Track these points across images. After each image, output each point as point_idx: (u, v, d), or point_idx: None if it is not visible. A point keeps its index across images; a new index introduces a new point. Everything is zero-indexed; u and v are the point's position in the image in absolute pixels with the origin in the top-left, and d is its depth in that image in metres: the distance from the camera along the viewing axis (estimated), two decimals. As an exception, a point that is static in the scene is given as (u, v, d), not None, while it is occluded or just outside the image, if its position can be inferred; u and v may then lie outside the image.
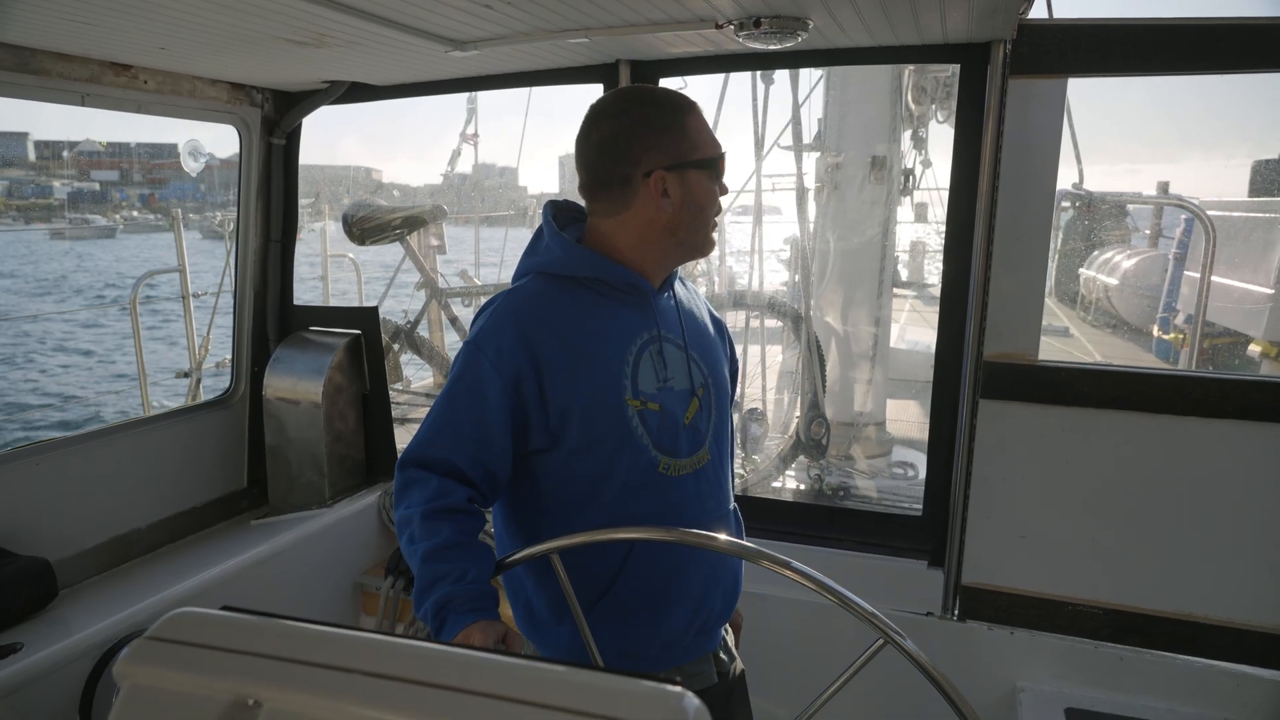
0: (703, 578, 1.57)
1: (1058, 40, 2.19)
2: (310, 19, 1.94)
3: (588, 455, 1.48)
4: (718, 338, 1.72)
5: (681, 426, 1.53)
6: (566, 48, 2.34)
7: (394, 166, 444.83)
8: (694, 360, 1.58)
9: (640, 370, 1.49)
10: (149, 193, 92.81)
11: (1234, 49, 2.08)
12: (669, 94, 1.53)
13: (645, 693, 0.65)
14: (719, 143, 1.53)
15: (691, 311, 1.66)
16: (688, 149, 1.48)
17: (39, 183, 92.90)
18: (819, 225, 5.30)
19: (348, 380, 3.12)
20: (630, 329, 1.50)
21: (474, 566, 1.37)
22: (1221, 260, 5.95)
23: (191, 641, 0.73)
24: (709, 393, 1.59)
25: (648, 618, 1.52)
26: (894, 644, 1.21)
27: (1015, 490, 2.42)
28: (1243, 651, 2.29)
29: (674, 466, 1.51)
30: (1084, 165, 5.73)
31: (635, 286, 1.51)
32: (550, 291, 1.50)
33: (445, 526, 1.39)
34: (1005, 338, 2.35)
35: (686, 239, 1.52)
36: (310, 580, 2.91)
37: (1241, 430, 2.22)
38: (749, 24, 2.00)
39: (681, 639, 1.58)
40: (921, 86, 5.38)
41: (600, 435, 1.47)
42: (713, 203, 1.52)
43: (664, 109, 1.49)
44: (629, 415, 1.47)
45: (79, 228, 68.50)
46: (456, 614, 1.31)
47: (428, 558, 1.37)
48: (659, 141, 1.47)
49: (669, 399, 1.51)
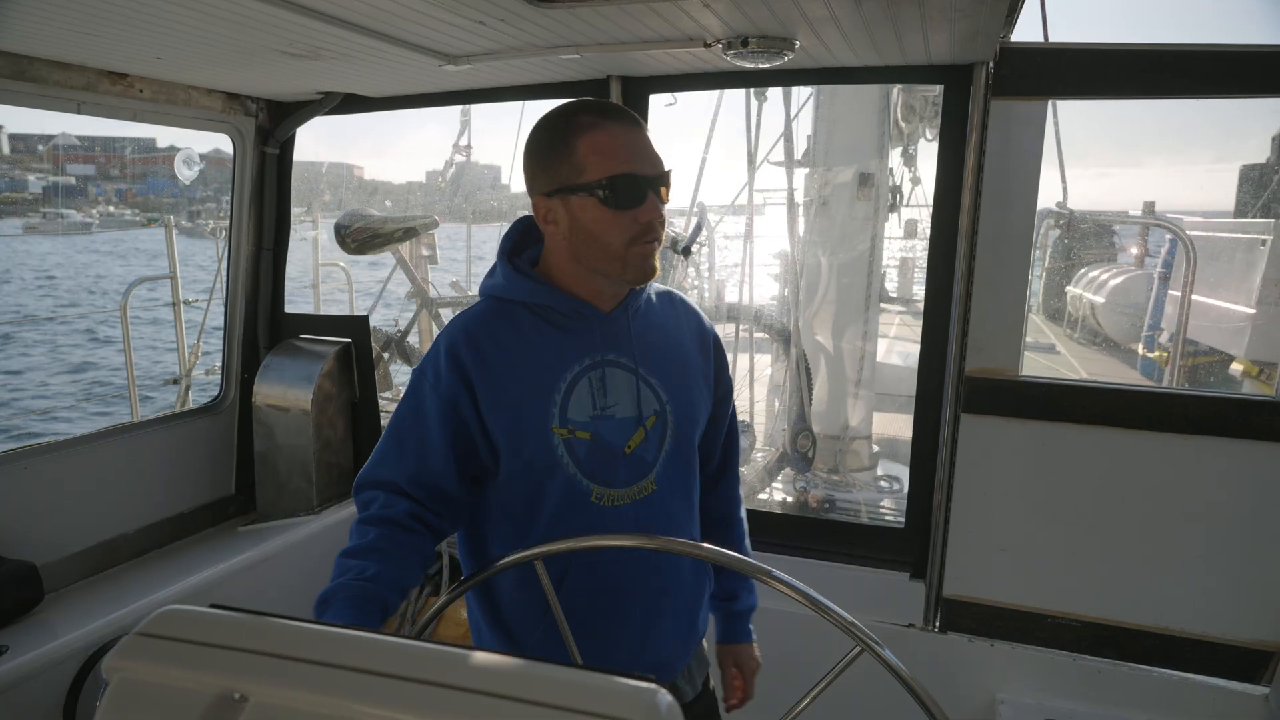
0: (642, 614, 1.52)
1: (1039, 63, 2.24)
2: (306, 32, 1.97)
3: (517, 481, 1.45)
4: (700, 357, 1.62)
5: (620, 456, 1.46)
6: (558, 63, 2.37)
7: (375, 164, 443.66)
8: (647, 385, 1.50)
9: (573, 398, 1.44)
10: (126, 188, 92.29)
11: (1213, 74, 2.13)
12: (576, 112, 1.40)
13: (619, 689, 0.68)
14: (623, 162, 1.35)
15: (662, 332, 1.56)
16: (569, 173, 1.36)
17: (12, 177, 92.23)
18: (807, 240, 5.35)
19: (337, 388, 3.13)
20: (567, 355, 1.45)
21: (382, 569, 1.32)
22: (1204, 280, 6.03)
23: (180, 638, 0.74)
24: (663, 420, 1.51)
25: (589, 652, 1.45)
26: (871, 652, 1.22)
27: (996, 504, 2.45)
28: (1218, 665, 2.32)
29: (609, 496, 1.46)
30: (1068, 172, 5.80)
31: (578, 311, 1.46)
32: (491, 316, 1.47)
33: (372, 531, 1.37)
34: (987, 353, 2.39)
35: (595, 266, 1.42)
36: (297, 587, 2.91)
37: (1219, 447, 2.25)
38: (737, 44, 2.04)
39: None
40: (910, 105, 5.44)
41: (526, 462, 1.43)
42: (611, 228, 1.37)
43: (556, 131, 1.39)
44: (554, 444, 1.42)
45: (52, 222, 67.81)
46: (338, 606, 1.27)
47: (343, 555, 1.35)
48: (544, 166, 1.40)
49: (605, 427, 1.45)
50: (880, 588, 2.61)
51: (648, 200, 1.37)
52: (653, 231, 1.39)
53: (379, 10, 1.80)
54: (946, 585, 2.52)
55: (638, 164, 1.37)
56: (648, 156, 1.38)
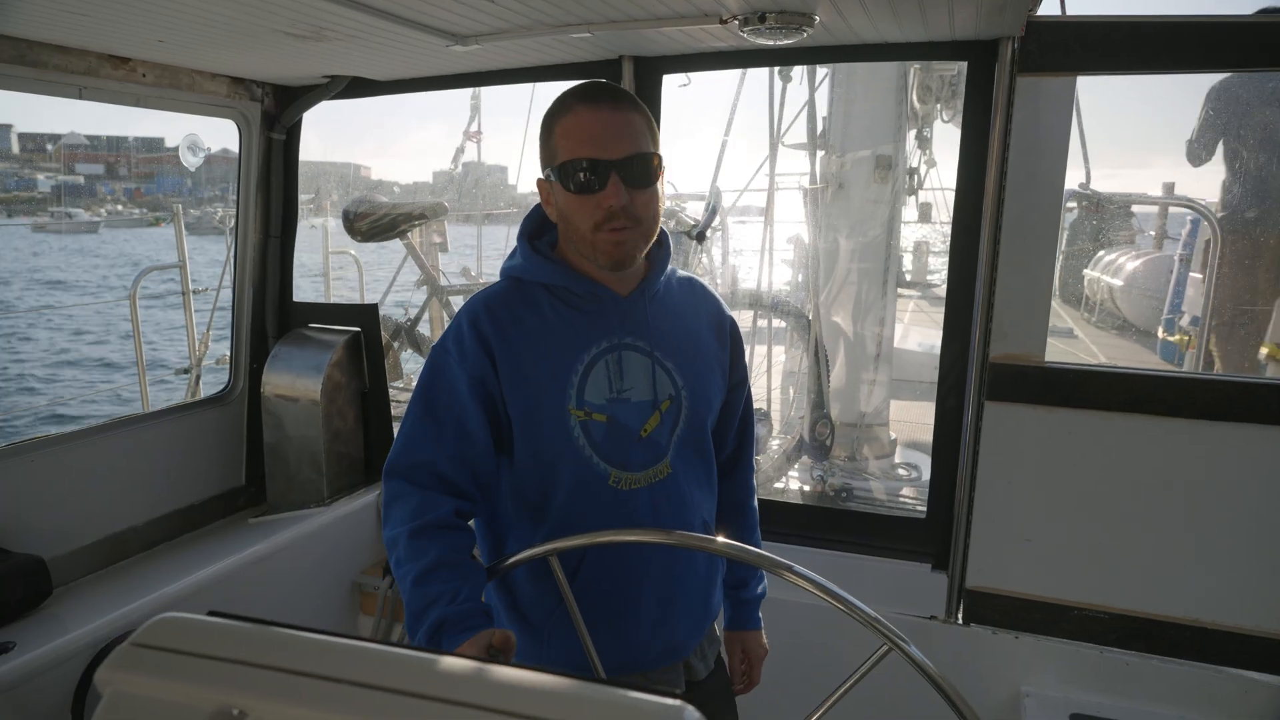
0: (657, 599, 1.54)
1: (1067, 38, 2.16)
2: (310, 12, 1.92)
3: (533, 464, 1.46)
4: (715, 344, 1.64)
5: (635, 439, 1.48)
6: (569, 43, 2.31)
7: (382, 163, 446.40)
8: (664, 369, 1.52)
9: (590, 380, 1.45)
10: (135, 187, 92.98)
11: (1243, 47, 2.05)
12: (564, 97, 1.43)
13: (641, 705, 0.63)
14: (585, 145, 1.36)
15: (677, 318, 1.58)
16: (548, 156, 1.41)
17: (22, 175, 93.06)
18: (823, 224, 5.28)
19: (347, 378, 3.10)
20: (585, 337, 1.46)
21: (465, 585, 1.34)
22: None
23: (176, 648, 0.71)
24: (678, 404, 1.52)
25: (604, 635, 1.46)
26: (899, 650, 1.19)
27: (1020, 493, 2.40)
28: (1249, 657, 2.26)
29: (625, 480, 1.48)
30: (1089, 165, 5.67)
31: (594, 294, 1.48)
32: (511, 295, 1.49)
33: (432, 546, 1.36)
34: (1011, 339, 2.32)
35: (578, 250, 1.45)
36: (308, 580, 2.89)
37: (1249, 433, 2.19)
38: (754, 19, 1.97)
39: (644, 656, 1.56)
40: (927, 85, 5.35)
41: (542, 444, 1.45)
42: (579, 211, 1.38)
43: (548, 114, 1.42)
44: (570, 425, 1.44)
45: (60, 221, 68.59)
46: (449, 636, 1.28)
47: (417, 582, 1.34)
48: (541, 149, 1.44)
49: (621, 410, 1.47)
50: (901, 579, 2.56)
51: (609, 185, 1.35)
52: (616, 218, 1.37)
53: None
54: (969, 576, 2.47)
55: (600, 148, 1.35)
56: (615, 140, 1.36)
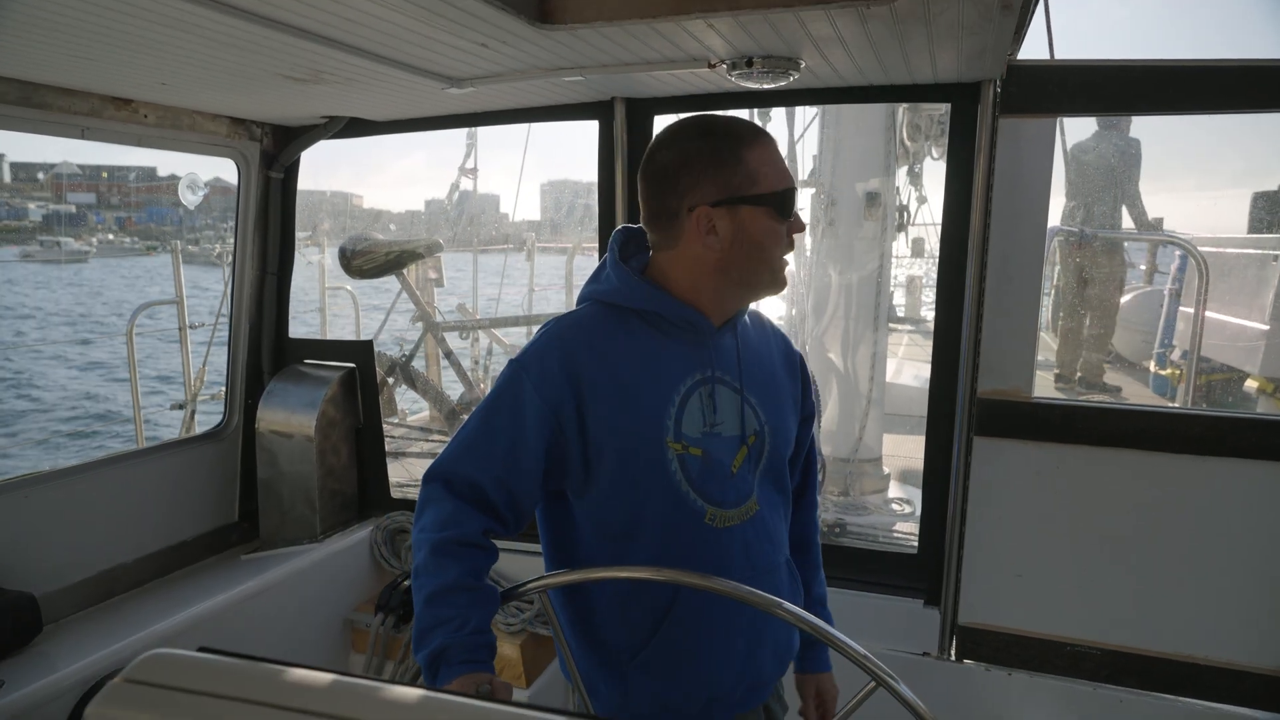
0: (748, 634, 1.50)
1: (1047, 80, 2.22)
2: (308, 56, 1.97)
3: (622, 497, 1.42)
4: (788, 379, 1.63)
5: (728, 475, 1.45)
6: (562, 85, 2.36)
7: (375, 194, 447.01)
8: (750, 405, 1.50)
9: (686, 412, 1.42)
10: (126, 216, 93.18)
11: (1222, 90, 2.11)
12: (732, 124, 1.43)
13: None
14: (787, 175, 1.42)
15: (758, 352, 1.57)
16: (742, 183, 1.38)
17: (12, 205, 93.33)
18: (814, 260, 5.32)
19: (341, 414, 3.11)
20: (681, 368, 1.44)
21: (476, 614, 1.32)
22: (1217, 296, 5.96)
23: (167, 684, 0.72)
24: (762, 440, 1.51)
25: (692, 673, 1.45)
26: (887, 688, 1.19)
27: (1011, 528, 2.40)
28: (1242, 694, 2.26)
29: (721, 517, 1.44)
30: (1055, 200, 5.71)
31: (691, 323, 1.45)
32: (603, 320, 1.45)
33: (453, 566, 1.34)
34: (998, 374, 2.35)
35: (744, 278, 1.44)
36: (300, 617, 2.87)
37: (1240, 469, 2.20)
38: (741, 64, 2.02)
39: (731, 694, 1.51)
40: (915, 124, 5.43)
41: (636, 477, 1.40)
42: (776, 240, 1.42)
43: (721, 140, 1.40)
44: (668, 459, 1.40)
45: (50, 250, 68.54)
46: (449, 665, 1.27)
47: (430, 601, 1.33)
48: (708, 175, 1.39)
49: (714, 445, 1.44)
50: (894, 615, 2.55)
51: (796, 215, 1.44)
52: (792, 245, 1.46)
53: (380, 34, 1.79)
54: (961, 613, 2.46)
55: (792, 181, 1.44)
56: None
